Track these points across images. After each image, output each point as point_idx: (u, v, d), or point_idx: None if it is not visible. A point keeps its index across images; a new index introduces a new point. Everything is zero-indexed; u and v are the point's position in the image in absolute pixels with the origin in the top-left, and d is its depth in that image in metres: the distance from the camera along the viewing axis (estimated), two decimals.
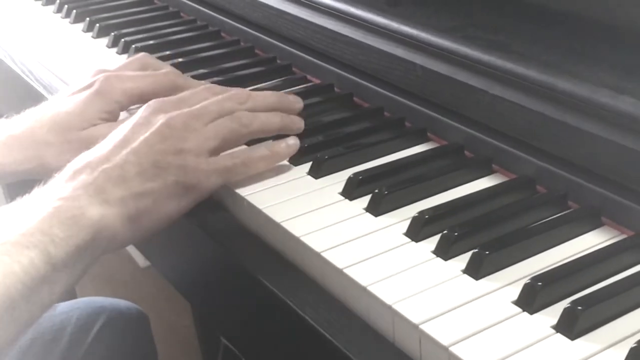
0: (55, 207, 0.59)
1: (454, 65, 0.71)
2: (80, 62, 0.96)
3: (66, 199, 0.60)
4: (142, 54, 0.83)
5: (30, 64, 0.99)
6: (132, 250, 2.00)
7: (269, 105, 0.72)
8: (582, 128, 0.61)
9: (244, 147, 0.71)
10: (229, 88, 0.73)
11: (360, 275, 0.55)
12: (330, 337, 0.54)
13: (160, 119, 0.66)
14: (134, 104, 0.77)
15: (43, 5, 1.15)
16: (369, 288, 0.54)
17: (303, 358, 0.60)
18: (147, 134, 0.65)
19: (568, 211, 0.62)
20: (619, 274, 0.55)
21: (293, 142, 0.71)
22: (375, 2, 0.81)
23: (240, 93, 0.72)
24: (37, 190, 0.61)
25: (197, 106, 0.68)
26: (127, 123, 0.67)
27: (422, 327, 0.51)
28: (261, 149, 0.69)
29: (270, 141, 0.71)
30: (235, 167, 0.67)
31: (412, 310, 0.52)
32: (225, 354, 1.27)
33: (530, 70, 0.65)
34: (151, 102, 0.68)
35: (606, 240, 0.59)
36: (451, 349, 0.49)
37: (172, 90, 0.76)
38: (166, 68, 0.82)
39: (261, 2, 0.91)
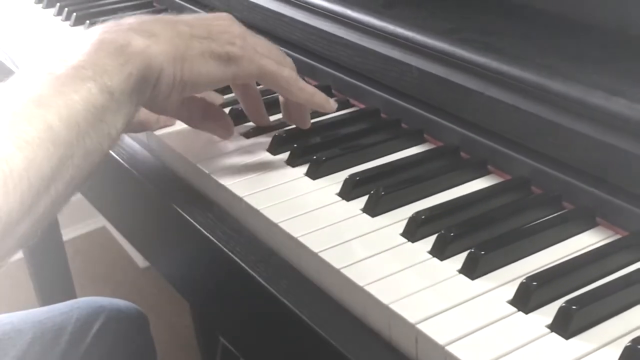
0: (99, 40, 0.59)
1: (450, 67, 0.71)
2: None
3: (109, 33, 0.60)
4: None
5: None
6: (132, 250, 2.01)
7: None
8: (576, 129, 0.61)
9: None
10: None
11: (357, 275, 0.56)
12: (327, 336, 0.54)
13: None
14: None
15: (43, 8, 1.15)
16: (365, 288, 0.55)
17: (301, 358, 0.60)
18: (202, 15, 0.67)
19: (563, 212, 0.63)
20: (613, 273, 0.56)
21: (333, 102, 0.73)
22: (372, 5, 0.81)
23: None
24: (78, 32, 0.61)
25: None
26: None
27: (418, 326, 0.51)
28: (306, 83, 0.70)
29: None
30: (279, 75, 0.68)
31: (408, 309, 0.52)
32: (223, 353, 1.28)
33: (525, 72, 0.65)
34: None
35: (600, 241, 0.60)
36: (447, 348, 0.49)
37: None
38: None
39: (259, 5, 0.91)
